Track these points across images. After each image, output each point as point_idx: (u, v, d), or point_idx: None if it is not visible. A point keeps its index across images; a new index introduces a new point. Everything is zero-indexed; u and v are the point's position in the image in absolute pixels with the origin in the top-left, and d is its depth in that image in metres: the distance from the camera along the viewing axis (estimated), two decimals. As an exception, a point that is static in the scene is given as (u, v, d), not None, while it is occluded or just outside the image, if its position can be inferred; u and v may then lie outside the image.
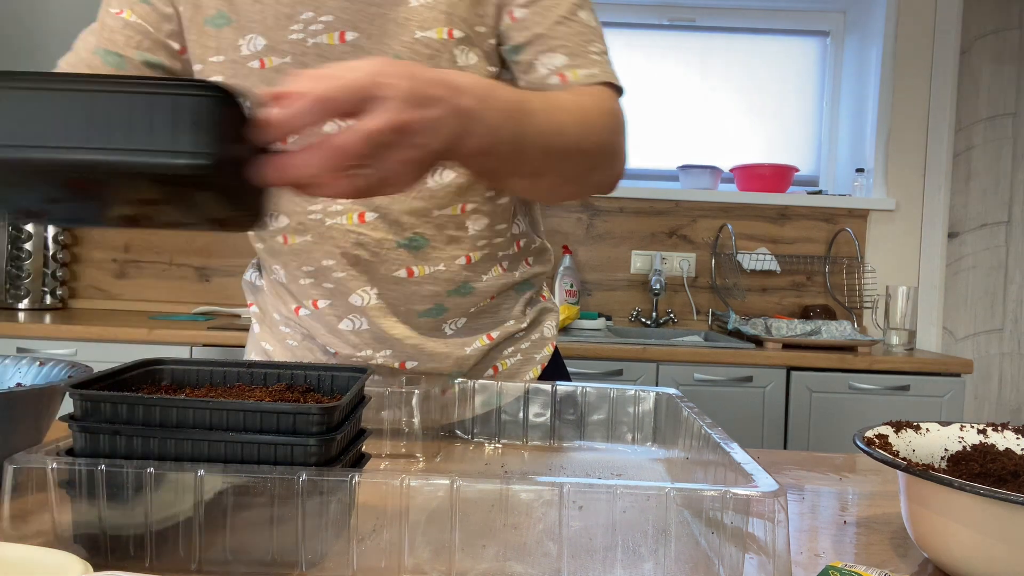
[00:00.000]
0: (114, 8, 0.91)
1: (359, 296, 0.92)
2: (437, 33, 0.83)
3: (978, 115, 3.11)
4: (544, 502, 0.55)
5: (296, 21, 0.84)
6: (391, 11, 0.83)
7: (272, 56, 0.85)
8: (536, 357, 1.04)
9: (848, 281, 3.03)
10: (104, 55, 0.89)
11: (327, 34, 0.84)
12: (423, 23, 0.83)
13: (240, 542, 0.54)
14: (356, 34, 0.84)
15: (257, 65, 0.86)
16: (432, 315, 0.94)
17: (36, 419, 0.69)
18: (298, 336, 1.00)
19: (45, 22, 2.54)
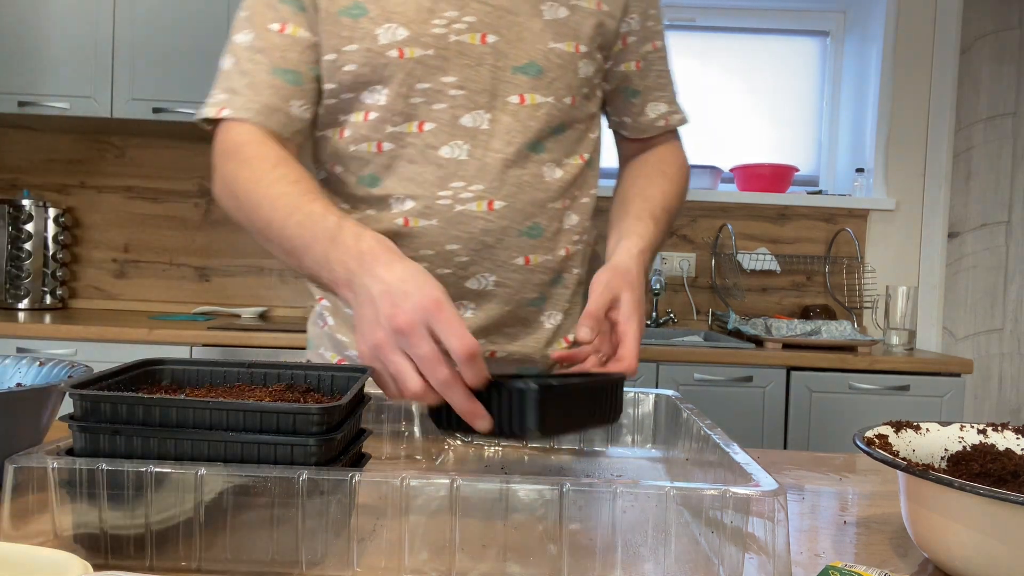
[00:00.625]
0: (274, 25, 0.91)
1: (477, 280, 0.95)
2: (567, 46, 0.95)
3: (978, 115, 3.11)
4: (544, 502, 0.55)
5: (439, 16, 0.90)
6: (528, 21, 0.92)
7: (414, 47, 0.90)
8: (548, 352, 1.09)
9: (848, 281, 3.03)
10: (283, 75, 0.91)
11: (469, 34, 0.91)
12: (556, 36, 0.94)
13: (240, 542, 0.54)
14: (497, 38, 0.92)
15: (395, 54, 0.90)
16: (537, 304, 1.00)
17: (36, 419, 0.69)
18: None
19: (46, 22, 2.54)
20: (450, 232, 0.93)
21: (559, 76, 0.94)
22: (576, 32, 0.95)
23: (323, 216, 0.80)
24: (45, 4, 2.54)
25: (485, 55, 0.91)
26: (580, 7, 0.95)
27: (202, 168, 2.95)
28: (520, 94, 0.93)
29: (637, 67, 1.04)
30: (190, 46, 2.56)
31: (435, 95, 0.92)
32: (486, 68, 0.92)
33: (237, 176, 0.88)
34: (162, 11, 2.56)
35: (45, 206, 2.74)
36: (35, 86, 2.54)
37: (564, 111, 0.96)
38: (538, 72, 0.93)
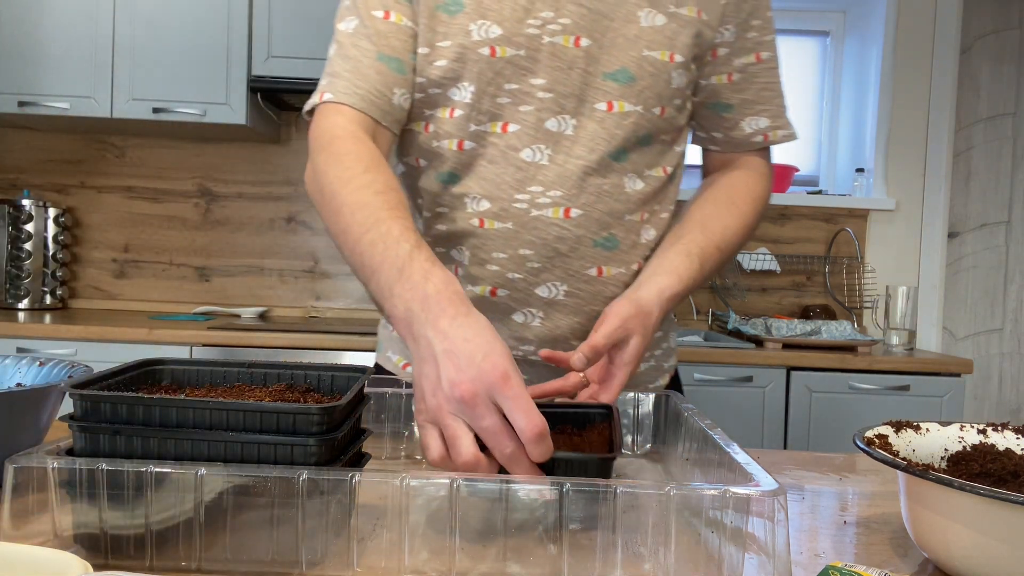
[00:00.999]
0: (378, 11, 0.90)
1: (548, 288, 0.93)
2: (661, 55, 0.91)
3: (978, 115, 3.11)
4: (544, 502, 0.55)
5: (534, 16, 0.88)
6: (623, 27, 0.90)
7: (506, 47, 0.88)
8: (664, 366, 1.07)
9: (848, 281, 3.03)
10: (388, 62, 0.89)
11: (563, 36, 0.89)
12: (651, 44, 0.90)
13: (240, 542, 0.54)
14: (590, 42, 0.89)
15: (487, 52, 0.88)
16: None
17: (36, 419, 0.69)
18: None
19: (46, 22, 2.54)
20: (524, 237, 0.91)
21: (650, 85, 0.91)
22: (672, 41, 0.91)
23: (396, 241, 0.73)
24: (45, 4, 2.54)
25: (577, 59, 0.89)
26: (679, 15, 0.91)
27: (202, 168, 2.95)
28: (608, 101, 0.90)
29: (729, 80, 0.98)
30: (190, 46, 2.56)
31: (522, 96, 0.90)
32: (577, 72, 0.90)
33: (327, 171, 0.83)
34: (162, 11, 2.56)
35: (45, 206, 2.74)
36: (35, 86, 2.54)
37: (652, 121, 0.93)
38: (629, 79, 0.90)
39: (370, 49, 0.89)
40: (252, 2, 2.57)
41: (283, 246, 2.97)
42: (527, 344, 0.96)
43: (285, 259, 2.97)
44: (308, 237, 2.98)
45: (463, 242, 0.94)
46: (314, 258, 2.98)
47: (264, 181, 2.96)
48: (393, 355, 1.06)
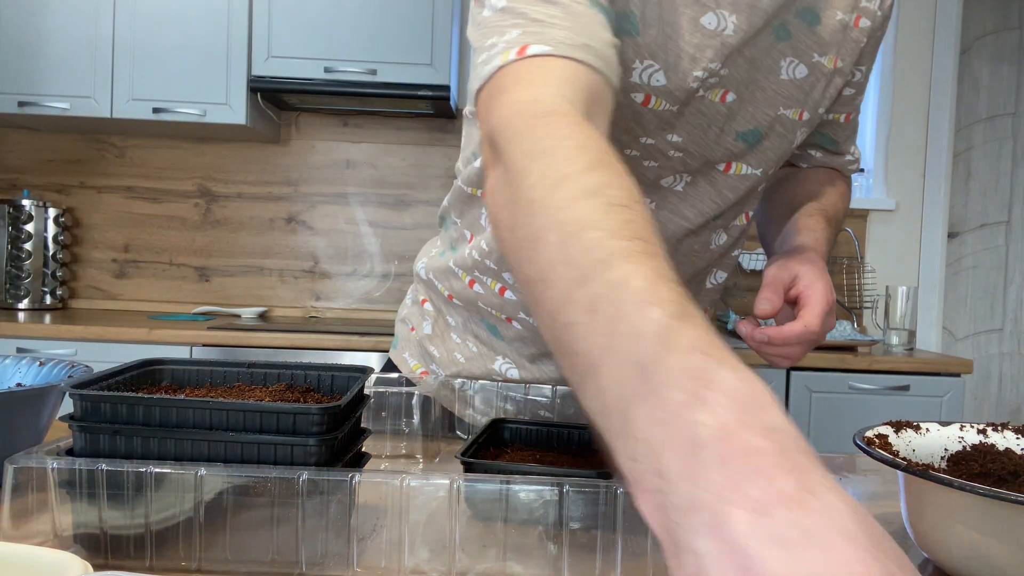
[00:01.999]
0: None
1: None
2: (794, 113, 0.82)
3: (978, 115, 3.11)
4: (544, 502, 0.55)
5: (700, 68, 0.73)
6: (764, 79, 0.78)
7: (663, 100, 0.74)
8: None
9: (848, 281, 3.03)
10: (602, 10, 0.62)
11: (717, 90, 0.76)
12: (787, 101, 0.80)
13: (240, 542, 0.54)
14: (735, 97, 0.78)
15: (640, 99, 0.73)
16: None
17: (36, 419, 0.69)
18: (471, 353, 0.94)
19: (46, 22, 2.54)
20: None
21: (775, 146, 0.82)
22: (807, 95, 0.81)
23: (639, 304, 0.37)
24: (45, 4, 2.54)
25: (718, 115, 0.78)
26: (819, 65, 0.80)
27: (202, 168, 2.95)
28: (729, 161, 0.81)
29: (847, 119, 0.92)
30: (190, 46, 2.56)
31: (654, 153, 0.79)
32: (714, 131, 0.79)
33: (528, 169, 0.49)
34: (162, 11, 2.56)
35: (45, 206, 2.74)
36: (35, 86, 2.54)
37: (760, 181, 0.85)
38: (756, 140, 0.81)
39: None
40: (252, 2, 2.57)
41: (283, 246, 2.97)
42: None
43: (285, 259, 2.97)
44: (308, 237, 2.98)
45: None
46: (314, 258, 2.98)
47: (264, 181, 2.96)
48: (411, 359, 1.01)
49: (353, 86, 2.53)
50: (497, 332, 0.91)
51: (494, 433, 0.81)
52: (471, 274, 0.89)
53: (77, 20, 2.55)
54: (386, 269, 2.98)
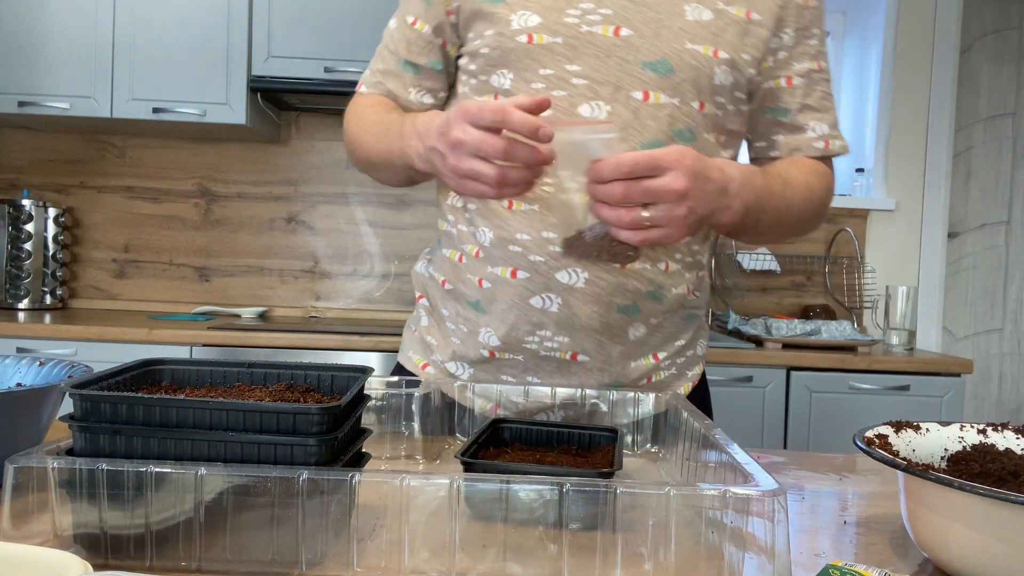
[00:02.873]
0: (410, 18, 1.02)
1: (568, 274, 0.92)
2: (704, 49, 0.91)
3: (978, 115, 3.11)
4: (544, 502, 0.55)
5: (574, 7, 0.91)
6: (668, 19, 0.91)
7: (543, 34, 0.91)
8: (688, 373, 1.08)
9: (848, 281, 3.03)
10: (404, 66, 1.03)
11: (602, 26, 0.90)
12: (695, 38, 0.91)
13: (240, 542, 0.54)
14: (630, 32, 0.90)
15: (524, 40, 0.91)
16: (628, 312, 0.95)
17: (36, 419, 0.69)
18: (462, 333, 1.01)
19: (46, 22, 2.54)
20: (548, 219, 0.92)
21: (689, 78, 0.91)
22: (717, 36, 0.91)
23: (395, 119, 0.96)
24: (45, 4, 2.54)
25: (615, 47, 0.90)
26: (726, 12, 0.92)
27: (202, 168, 2.95)
28: (645, 91, 0.90)
29: (789, 83, 0.98)
30: (190, 46, 2.56)
31: (557, 82, 0.91)
32: (614, 60, 0.90)
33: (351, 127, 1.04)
34: (162, 11, 2.56)
35: (45, 206, 2.74)
36: (35, 86, 2.54)
37: (690, 116, 0.92)
38: (668, 70, 0.90)
39: (397, 54, 1.03)
40: (252, 2, 2.57)
41: (283, 246, 2.97)
42: (543, 329, 0.95)
43: (285, 259, 2.97)
44: (308, 237, 2.98)
45: (489, 223, 0.95)
46: (314, 258, 2.98)
47: (264, 181, 2.96)
48: (414, 355, 1.08)
49: (353, 86, 2.53)
50: (480, 307, 0.98)
51: (494, 433, 0.81)
52: (453, 247, 1.02)
53: (77, 20, 2.55)
54: (386, 269, 2.98)
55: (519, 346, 0.96)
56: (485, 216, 0.96)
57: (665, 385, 1.04)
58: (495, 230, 0.95)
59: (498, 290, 0.96)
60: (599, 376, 0.98)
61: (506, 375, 0.99)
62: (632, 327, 0.96)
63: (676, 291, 0.98)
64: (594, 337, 0.95)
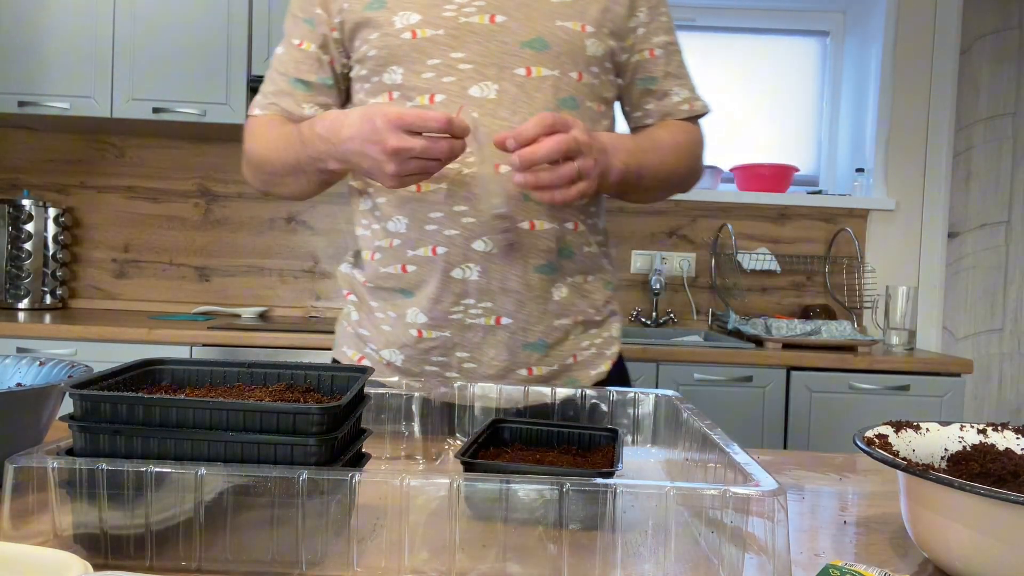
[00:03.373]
0: (296, 40, 1.09)
1: (483, 242, 1.00)
2: (573, 24, 1.02)
3: (978, 115, 3.11)
4: (544, 502, 0.55)
5: (450, 2, 1.00)
6: (535, 3, 1.01)
7: (426, 29, 1.00)
8: (607, 353, 1.13)
9: (848, 281, 3.03)
10: (295, 84, 1.10)
11: (478, 16, 1.00)
12: (561, 15, 1.01)
13: (240, 542, 0.54)
14: (505, 17, 1.00)
15: (408, 36, 1.00)
16: (546, 272, 1.03)
17: (36, 419, 0.69)
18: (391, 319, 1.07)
19: (46, 22, 2.54)
20: (458, 194, 0.99)
21: (565, 51, 1.01)
22: (582, 13, 1.02)
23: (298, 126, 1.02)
24: (45, 4, 2.54)
25: (494, 32, 0.99)
26: None
27: (202, 168, 2.95)
28: (527, 67, 1.00)
29: (652, 55, 1.11)
30: (190, 46, 2.56)
31: (445, 69, 0.99)
32: (495, 44, 0.99)
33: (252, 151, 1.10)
34: (162, 11, 2.56)
35: (45, 206, 2.73)
36: (35, 86, 2.54)
37: (572, 85, 1.02)
38: (544, 46, 1.00)
39: (285, 73, 1.10)
40: (252, 2, 2.57)
41: (283, 246, 2.97)
42: (467, 298, 1.01)
43: (285, 259, 2.97)
44: (308, 237, 2.98)
45: (403, 211, 1.02)
46: (314, 258, 2.98)
47: (264, 181, 2.96)
48: (348, 350, 1.13)
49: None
50: (407, 292, 1.05)
51: (494, 433, 0.81)
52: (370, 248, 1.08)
53: (77, 20, 2.54)
54: (386, 269, 2.98)
55: (445, 319, 1.02)
56: (397, 205, 1.02)
57: (588, 363, 1.10)
58: (408, 216, 1.01)
59: (422, 271, 1.02)
60: (523, 336, 1.03)
61: (435, 355, 1.04)
62: (554, 287, 1.04)
63: (588, 249, 1.07)
64: (514, 298, 1.02)
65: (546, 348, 1.05)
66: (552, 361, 1.06)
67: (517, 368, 1.04)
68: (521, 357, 1.04)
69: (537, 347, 1.04)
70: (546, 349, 1.05)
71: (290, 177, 1.05)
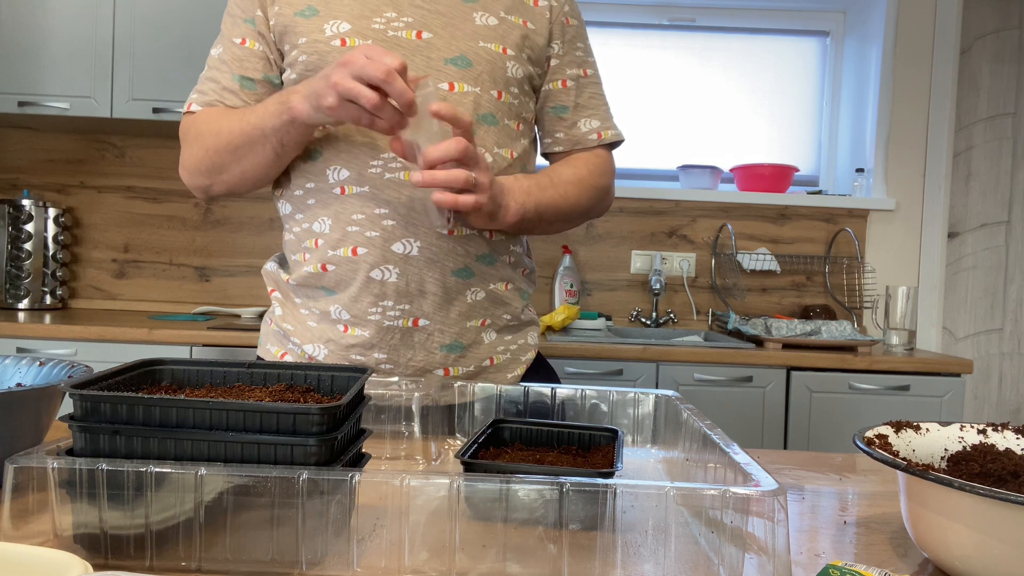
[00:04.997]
0: (236, 39, 1.10)
1: (402, 244, 1.03)
2: (495, 47, 1.07)
3: (978, 115, 3.11)
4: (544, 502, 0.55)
5: (379, 15, 1.04)
6: (460, 24, 1.06)
7: (355, 38, 1.03)
8: (522, 358, 1.18)
9: (848, 281, 3.03)
10: (241, 81, 1.10)
11: (406, 31, 1.04)
12: (484, 38, 1.07)
13: (240, 542, 0.54)
14: (431, 35, 1.04)
15: (338, 44, 1.03)
16: (462, 276, 1.06)
17: (36, 419, 0.69)
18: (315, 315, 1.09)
19: (46, 22, 2.54)
20: (381, 196, 1.02)
21: (486, 71, 1.06)
22: (504, 37, 1.08)
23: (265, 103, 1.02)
24: (45, 4, 2.54)
25: (419, 47, 1.04)
26: (508, 20, 1.08)
27: (202, 168, 2.95)
28: (450, 82, 1.04)
29: (563, 85, 1.17)
30: (190, 46, 2.56)
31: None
32: (420, 58, 1.04)
33: (200, 141, 1.08)
34: (162, 11, 2.56)
35: (45, 206, 2.73)
36: (35, 86, 2.54)
37: (492, 103, 1.07)
38: (467, 64, 1.05)
39: (228, 71, 1.10)
40: (252, 2, 2.57)
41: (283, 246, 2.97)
42: (385, 300, 1.03)
43: (285, 259, 2.97)
44: (308, 237, 2.98)
45: (327, 211, 1.04)
46: (314, 258, 2.98)
47: (264, 181, 2.96)
48: (272, 347, 1.15)
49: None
50: (328, 289, 1.07)
51: (494, 433, 0.81)
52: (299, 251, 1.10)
53: (77, 20, 2.54)
54: (386, 269, 2.98)
55: (364, 319, 1.04)
56: (324, 204, 1.05)
57: (504, 367, 1.14)
58: (332, 217, 1.04)
59: (342, 271, 1.04)
60: (440, 338, 1.06)
61: (355, 353, 1.06)
62: (470, 291, 1.07)
63: (502, 258, 1.11)
64: (431, 300, 1.05)
65: (462, 349, 1.08)
66: (469, 362, 1.09)
67: (434, 368, 1.07)
68: (438, 358, 1.06)
69: (453, 348, 1.07)
70: (462, 350, 1.08)
71: (244, 147, 1.04)
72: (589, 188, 1.16)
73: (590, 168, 1.17)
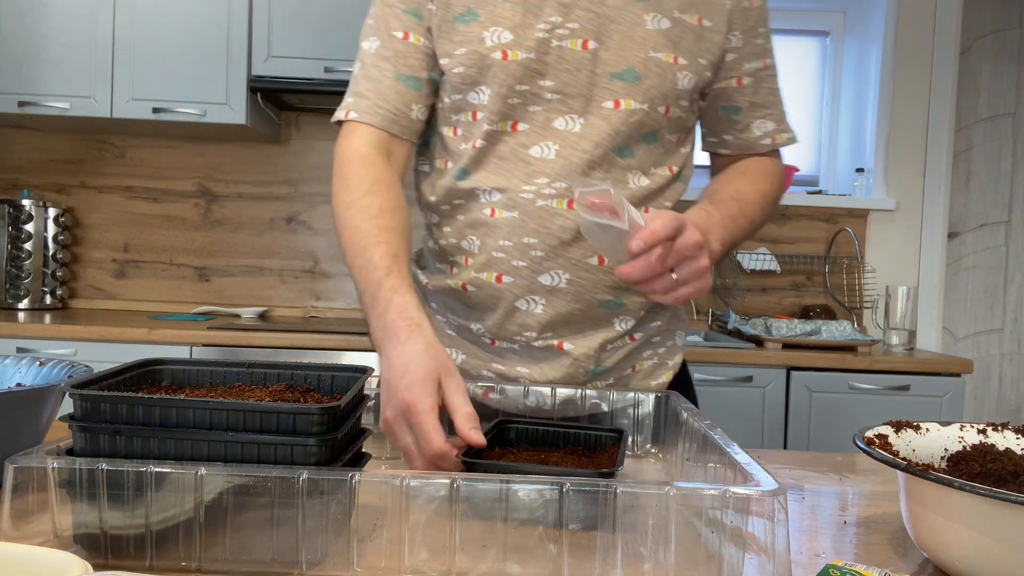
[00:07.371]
0: (397, 32, 0.98)
1: (550, 276, 0.96)
2: (666, 56, 0.96)
3: (978, 115, 3.11)
4: (544, 502, 0.55)
5: (543, 21, 0.94)
6: (630, 29, 0.95)
7: (517, 50, 0.93)
8: (669, 363, 1.09)
9: (848, 281, 3.03)
10: (406, 81, 0.98)
11: (571, 40, 0.94)
12: (656, 46, 0.95)
13: (240, 542, 0.54)
14: (597, 44, 0.94)
15: (499, 56, 0.94)
16: (610, 307, 0.99)
17: (36, 419, 0.69)
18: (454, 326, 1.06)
19: (46, 22, 2.54)
20: (530, 225, 0.95)
21: (656, 84, 0.95)
22: (676, 44, 0.96)
23: (375, 268, 0.86)
24: (45, 4, 2.54)
25: (584, 61, 0.94)
26: (683, 21, 0.96)
27: (202, 168, 2.95)
28: (616, 99, 0.95)
29: (739, 83, 1.04)
30: (190, 46, 2.56)
31: (531, 97, 0.95)
32: (584, 74, 0.94)
33: (336, 195, 0.96)
34: (162, 11, 2.56)
35: (45, 206, 2.73)
36: (35, 86, 2.54)
37: (657, 120, 0.97)
38: (636, 79, 0.95)
39: (390, 69, 0.98)
40: (252, 2, 2.57)
41: (283, 246, 2.97)
42: (529, 331, 0.99)
43: (285, 259, 2.97)
44: (308, 237, 2.98)
45: (476, 232, 0.99)
46: (314, 258, 2.98)
47: (264, 181, 2.96)
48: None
49: (353, 86, 2.53)
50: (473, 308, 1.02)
51: (500, 433, 0.81)
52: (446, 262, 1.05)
53: (77, 20, 2.54)
54: (386, 269, 2.98)
55: (509, 339, 1.00)
56: (472, 225, 0.99)
57: (648, 374, 1.07)
58: (481, 239, 0.98)
59: (484, 295, 0.99)
60: (585, 364, 1.00)
61: (496, 363, 1.02)
62: (618, 320, 1.00)
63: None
64: (576, 328, 0.99)
65: (606, 371, 1.03)
66: (609, 376, 1.04)
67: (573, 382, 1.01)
68: (581, 378, 1.01)
69: (597, 373, 1.02)
70: (606, 372, 1.03)
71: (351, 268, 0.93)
72: (771, 203, 1.07)
73: (771, 182, 1.07)
